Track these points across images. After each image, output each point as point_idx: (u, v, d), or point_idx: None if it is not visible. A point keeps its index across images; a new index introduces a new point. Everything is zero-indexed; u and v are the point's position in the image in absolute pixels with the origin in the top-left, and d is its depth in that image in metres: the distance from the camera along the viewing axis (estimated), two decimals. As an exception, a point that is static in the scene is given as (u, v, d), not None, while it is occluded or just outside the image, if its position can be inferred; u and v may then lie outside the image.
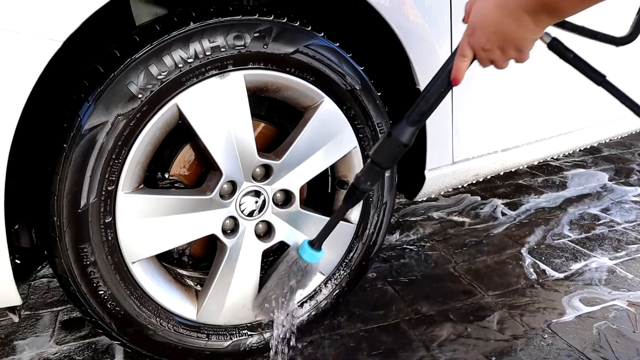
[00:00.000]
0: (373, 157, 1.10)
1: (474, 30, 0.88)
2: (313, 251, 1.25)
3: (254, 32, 1.14)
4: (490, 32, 0.85)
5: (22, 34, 0.91)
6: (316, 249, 1.25)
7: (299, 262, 1.25)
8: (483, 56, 0.90)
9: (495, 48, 0.86)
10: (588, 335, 1.50)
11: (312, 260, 1.26)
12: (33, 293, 1.76)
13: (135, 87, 1.05)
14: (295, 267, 1.25)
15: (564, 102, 1.89)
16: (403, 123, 1.04)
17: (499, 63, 0.91)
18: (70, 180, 1.05)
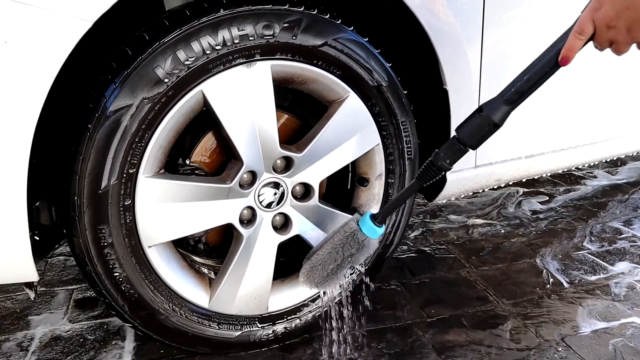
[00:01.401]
0: (458, 134, 1.01)
1: (602, 4, 0.77)
2: (374, 225, 1.17)
3: (283, 22, 1.14)
4: (623, 7, 0.75)
5: (55, 12, 0.91)
6: (378, 224, 1.18)
7: (358, 234, 1.18)
8: (605, 36, 0.81)
9: (622, 27, 0.77)
10: (604, 352, 1.46)
11: (372, 235, 1.19)
12: (49, 270, 1.78)
13: (162, 71, 1.05)
14: (352, 240, 1.18)
15: (592, 111, 1.85)
16: (498, 101, 0.96)
17: (620, 46, 0.81)
18: (92, 161, 1.05)
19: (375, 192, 1.41)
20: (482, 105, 0.96)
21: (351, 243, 1.18)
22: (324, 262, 1.20)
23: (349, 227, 1.19)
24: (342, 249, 1.18)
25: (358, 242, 1.18)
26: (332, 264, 1.19)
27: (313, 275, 1.22)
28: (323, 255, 1.20)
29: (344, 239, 1.18)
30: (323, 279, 1.21)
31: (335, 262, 1.19)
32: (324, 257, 1.20)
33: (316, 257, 1.22)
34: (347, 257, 1.18)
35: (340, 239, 1.19)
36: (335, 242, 1.19)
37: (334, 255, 1.19)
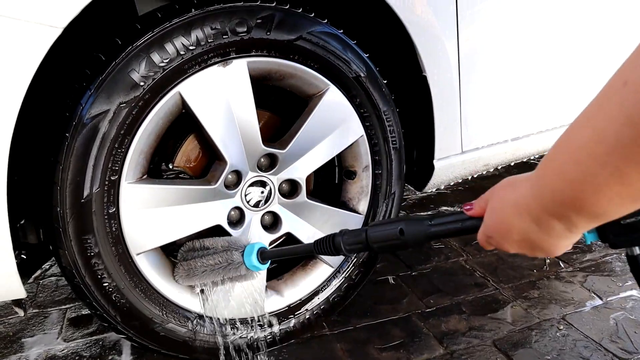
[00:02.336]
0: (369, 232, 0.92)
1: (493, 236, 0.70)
2: (258, 262, 1.12)
3: (256, 18, 1.13)
4: (513, 241, 0.67)
5: (22, 20, 0.90)
6: (262, 263, 1.13)
7: (240, 267, 1.13)
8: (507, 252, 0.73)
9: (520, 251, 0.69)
10: (605, 326, 1.46)
11: (253, 270, 1.14)
12: (41, 291, 1.75)
13: (137, 74, 1.04)
14: (234, 270, 1.14)
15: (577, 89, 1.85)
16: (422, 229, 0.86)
17: None
18: (72, 170, 1.04)
19: (364, 184, 1.40)
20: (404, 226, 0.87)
21: (231, 272, 1.14)
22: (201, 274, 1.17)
23: (232, 258, 1.14)
24: (222, 272, 1.15)
25: (239, 273, 1.14)
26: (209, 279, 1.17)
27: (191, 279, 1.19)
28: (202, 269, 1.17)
29: (225, 266, 1.14)
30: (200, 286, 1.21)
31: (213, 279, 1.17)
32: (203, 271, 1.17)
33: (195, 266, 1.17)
34: (227, 279, 1.17)
35: (221, 264, 1.15)
36: (216, 264, 1.15)
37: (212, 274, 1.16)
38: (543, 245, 0.63)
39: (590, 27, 1.79)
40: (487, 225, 0.71)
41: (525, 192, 0.61)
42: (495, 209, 0.69)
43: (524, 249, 0.67)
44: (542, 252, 0.65)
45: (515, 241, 0.66)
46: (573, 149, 0.52)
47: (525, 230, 0.63)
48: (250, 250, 1.12)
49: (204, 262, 1.16)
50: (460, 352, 1.37)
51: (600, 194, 0.51)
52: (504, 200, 0.66)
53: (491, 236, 0.70)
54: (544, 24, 1.66)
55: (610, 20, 1.77)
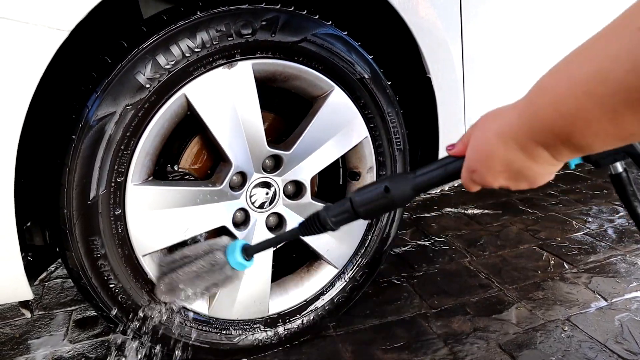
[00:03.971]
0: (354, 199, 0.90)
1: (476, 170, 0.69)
2: (243, 260, 1.05)
3: (261, 20, 1.13)
4: (497, 172, 0.66)
5: (30, 23, 0.91)
6: (247, 259, 1.06)
7: (226, 267, 1.06)
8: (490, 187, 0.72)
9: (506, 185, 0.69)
10: (610, 327, 1.46)
11: (239, 269, 1.07)
12: (47, 293, 1.76)
13: (143, 77, 1.05)
14: (217, 271, 1.06)
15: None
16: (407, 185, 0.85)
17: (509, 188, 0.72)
18: (79, 172, 1.04)
19: (368, 185, 1.40)
20: (389, 183, 0.86)
21: (216, 274, 1.06)
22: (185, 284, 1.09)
23: (216, 259, 1.06)
24: (206, 277, 1.07)
25: (224, 274, 1.07)
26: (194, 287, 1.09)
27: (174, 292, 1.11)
28: (185, 278, 1.09)
29: (209, 269, 1.07)
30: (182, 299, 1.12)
31: (197, 286, 1.09)
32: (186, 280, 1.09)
33: (177, 277, 1.10)
34: (211, 285, 1.08)
35: (205, 268, 1.07)
36: (200, 268, 1.07)
37: (196, 281, 1.08)
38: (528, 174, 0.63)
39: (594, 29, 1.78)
40: (470, 159, 0.70)
41: (512, 121, 0.61)
42: (479, 139, 0.68)
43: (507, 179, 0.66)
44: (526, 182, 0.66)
45: (499, 172, 0.66)
46: (572, 83, 0.52)
47: (510, 158, 0.63)
48: (233, 249, 1.05)
49: (185, 270, 1.09)
50: (464, 353, 1.37)
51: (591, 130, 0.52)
52: (487, 130, 0.65)
53: (474, 170, 0.69)
54: (548, 25, 1.66)
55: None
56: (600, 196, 2.45)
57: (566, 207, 2.33)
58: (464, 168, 0.72)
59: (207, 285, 1.08)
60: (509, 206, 2.37)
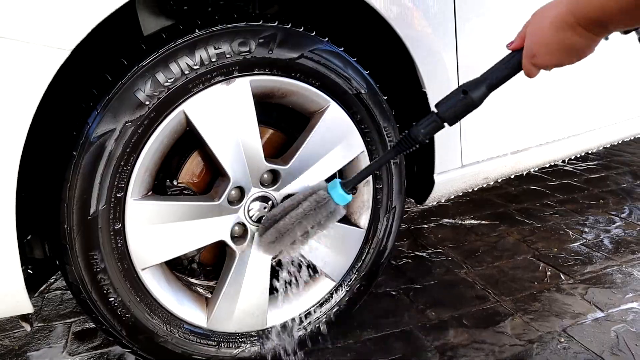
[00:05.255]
0: (438, 109, 1.05)
1: (536, 53, 0.89)
2: (345, 193, 1.18)
3: (258, 38, 1.16)
4: (554, 50, 0.87)
5: (31, 43, 0.93)
6: (347, 192, 1.19)
7: (329, 202, 1.18)
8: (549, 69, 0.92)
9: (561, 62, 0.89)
10: (606, 339, 1.47)
11: (342, 202, 1.19)
12: (46, 305, 1.77)
13: (142, 94, 1.07)
14: (322, 208, 1.18)
15: (575, 103, 1.88)
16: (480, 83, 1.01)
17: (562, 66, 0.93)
18: (79, 187, 1.06)
19: (365, 198, 1.42)
20: (464, 86, 1.02)
21: (321, 211, 1.18)
22: (291, 230, 1.18)
23: (320, 196, 1.19)
24: (311, 217, 1.18)
25: (328, 210, 1.18)
26: (300, 231, 1.18)
27: (279, 243, 1.20)
28: (290, 222, 1.18)
29: (314, 207, 1.18)
30: (288, 246, 1.21)
31: (304, 229, 1.18)
32: (291, 224, 1.18)
33: (283, 225, 1.19)
34: (316, 224, 1.18)
35: (309, 207, 1.18)
36: (305, 209, 1.18)
37: (302, 222, 1.18)
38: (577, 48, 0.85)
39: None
40: (531, 45, 0.90)
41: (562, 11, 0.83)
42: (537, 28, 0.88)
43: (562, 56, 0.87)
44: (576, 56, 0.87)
45: (555, 50, 0.86)
46: None
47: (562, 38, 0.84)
48: (333, 186, 1.19)
49: (291, 216, 1.18)
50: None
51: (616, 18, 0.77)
52: (544, 19, 0.86)
53: (535, 54, 0.89)
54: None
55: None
56: (597, 206, 2.47)
57: (563, 218, 2.35)
58: (524, 56, 0.92)
59: (314, 224, 1.18)
60: (506, 217, 2.39)
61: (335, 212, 1.20)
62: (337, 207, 1.19)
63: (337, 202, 1.19)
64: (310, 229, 1.19)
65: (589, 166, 3.11)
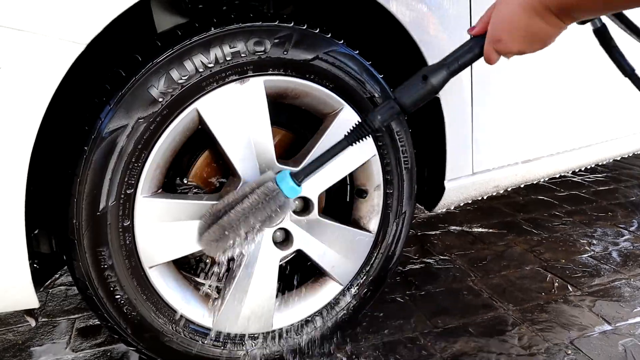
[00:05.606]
0: (397, 96, 1.00)
1: (500, 38, 0.87)
2: (295, 185, 1.08)
3: (274, 38, 1.15)
4: (520, 36, 0.85)
5: (48, 36, 0.92)
6: (298, 184, 1.08)
7: (278, 195, 1.07)
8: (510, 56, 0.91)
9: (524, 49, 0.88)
10: (614, 352, 1.45)
11: (292, 195, 1.09)
12: (51, 300, 1.76)
13: (156, 91, 1.06)
14: (271, 201, 1.07)
15: (587, 113, 1.86)
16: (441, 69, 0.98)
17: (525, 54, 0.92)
18: (90, 183, 1.05)
19: (375, 203, 1.41)
20: (424, 71, 0.99)
21: (269, 205, 1.08)
22: (236, 227, 1.08)
23: (268, 188, 1.08)
24: (258, 212, 1.07)
25: (277, 204, 1.08)
26: (246, 228, 1.08)
27: (222, 241, 1.09)
28: (235, 218, 1.07)
29: (261, 200, 1.07)
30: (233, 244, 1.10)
31: (249, 225, 1.08)
32: (236, 220, 1.07)
33: (227, 220, 1.08)
34: (263, 219, 1.08)
35: (256, 200, 1.07)
36: (252, 203, 1.07)
37: (249, 218, 1.07)
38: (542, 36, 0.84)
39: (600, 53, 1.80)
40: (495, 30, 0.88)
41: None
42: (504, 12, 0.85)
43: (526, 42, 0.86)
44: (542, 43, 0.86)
45: (520, 37, 0.85)
46: None
47: (530, 23, 0.82)
48: (283, 177, 1.08)
49: (237, 210, 1.08)
50: (467, 374, 1.37)
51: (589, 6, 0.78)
52: (510, 6, 0.84)
53: (499, 38, 0.87)
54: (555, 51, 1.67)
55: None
56: (605, 218, 2.45)
57: (571, 229, 2.33)
58: (487, 41, 0.90)
59: (262, 220, 1.08)
60: (514, 226, 2.37)
61: (285, 205, 1.09)
62: (287, 200, 1.09)
63: (286, 194, 1.08)
64: (257, 225, 1.08)
65: (597, 178, 3.09)
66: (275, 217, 1.09)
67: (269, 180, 1.09)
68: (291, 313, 1.38)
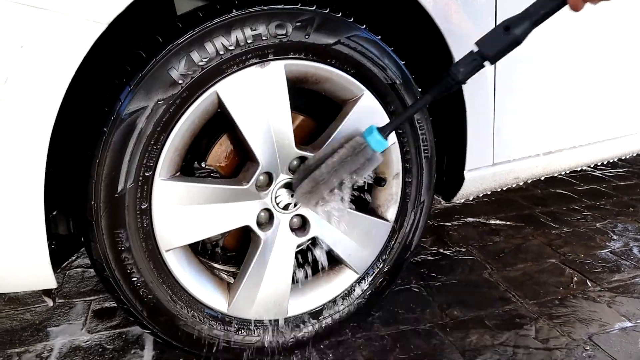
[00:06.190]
0: (479, 47, 1.02)
1: None
2: (382, 139, 1.14)
3: (295, 21, 1.13)
4: None
5: (69, 15, 0.92)
6: (384, 137, 1.15)
7: (366, 149, 1.14)
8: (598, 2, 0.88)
9: None
10: (634, 350, 1.42)
11: (379, 149, 1.15)
12: (67, 282, 1.78)
13: (176, 72, 1.05)
14: (359, 154, 1.14)
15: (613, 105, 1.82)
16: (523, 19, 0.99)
17: None
18: (108, 164, 1.05)
19: (393, 191, 1.39)
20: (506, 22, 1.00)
21: (358, 158, 1.14)
22: (327, 179, 1.14)
23: (356, 142, 1.15)
24: (347, 165, 1.14)
25: (364, 157, 1.14)
26: (337, 179, 1.15)
27: (315, 193, 1.16)
28: (326, 171, 1.14)
29: (350, 154, 1.14)
30: (325, 196, 1.17)
31: (340, 178, 1.15)
32: (327, 173, 1.14)
33: (318, 174, 1.15)
34: (353, 172, 1.15)
35: (346, 154, 1.14)
36: (341, 157, 1.14)
37: (339, 170, 1.14)
38: None
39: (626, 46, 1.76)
40: None
41: None
42: None
43: None
44: None
45: None
46: None
47: None
48: (370, 131, 1.15)
49: (327, 164, 1.14)
50: (483, 367, 1.35)
51: None
52: None
53: None
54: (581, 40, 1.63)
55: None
56: (626, 214, 2.40)
57: (590, 223, 2.29)
58: None
59: (351, 172, 1.15)
60: (532, 219, 2.34)
61: (373, 159, 1.16)
62: (375, 153, 1.15)
63: (374, 148, 1.14)
64: (347, 178, 1.15)
65: (618, 172, 3.03)
66: (363, 170, 1.16)
67: (357, 134, 1.16)
68: (306, 300, 1.38)
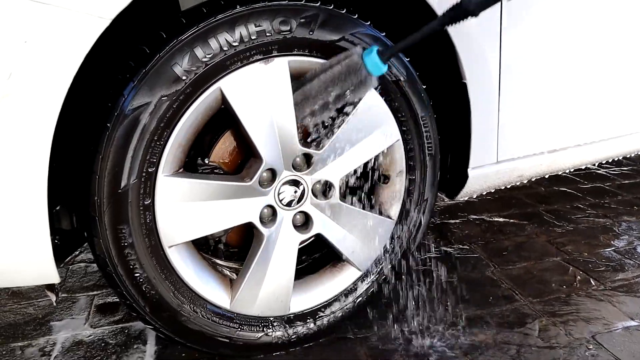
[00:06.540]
0: None
1: None
2: (380, 62, 1.07)
3: (300, 17, 1.13)
4: None
5: (73, 10, 0.91)
6: (383, 62, 1.07)
7: (361, 70, 1.07)
8: None
9: None
10: (637, 349, 1.42)
11: (375, 72, 1.08)
12: (71, 276, 1.78)
13: (180, 68, 1.05)
14: (353, 74, 1.07)
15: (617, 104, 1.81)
16: None
17: None
18: (112, 160, 1.05)
19: (397, 188, 1.39)
20: None
21: (351, 77, 1.08)
22: (318, 94, 1.10)
23: (352, 60, 1.08)
24: (339, 83, 1.08)
25: (358, 78, 1.08)
26: (326, 96, 1.10)
27: (304, 105, 1.13)
28: (317, 85, 1.10)
29: (344, 72, 1.08)
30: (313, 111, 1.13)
31: (330, 94, 1.09)
32: (318, 87, 1.10)
33: (309, 87, 1.11)
34: (344, 92, 1.09)
35: (339, 71, 1.08)
36: (334, 73, 1.08)
37: (329, 87, 1.09)
38: None
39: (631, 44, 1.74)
40: None
41: None
42: None
43: None
44: None
45: None
46: None
47: None
48: (369, 52, 1.07)
49: (319, 79, 1.10)
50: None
51: None
52: None
53: None
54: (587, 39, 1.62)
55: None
56: (630, 213, 2.39)
57: (594, 222, 2.28)
58: None
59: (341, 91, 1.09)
60: (535, 217, 2.33)
61: (367, 82, 1.09)
62: (369, 76, 1.08)
63: (369, 71, 1.07)
64: (336, 95, 1.09)
65: (622, 171, 3.02)
66: (355, 92, 1.10)
67: (356, 53, 1.09)
68: (309, 297, 1.38)
